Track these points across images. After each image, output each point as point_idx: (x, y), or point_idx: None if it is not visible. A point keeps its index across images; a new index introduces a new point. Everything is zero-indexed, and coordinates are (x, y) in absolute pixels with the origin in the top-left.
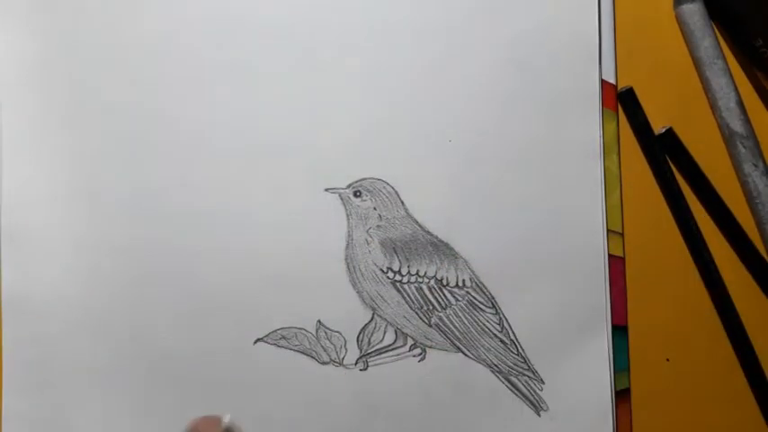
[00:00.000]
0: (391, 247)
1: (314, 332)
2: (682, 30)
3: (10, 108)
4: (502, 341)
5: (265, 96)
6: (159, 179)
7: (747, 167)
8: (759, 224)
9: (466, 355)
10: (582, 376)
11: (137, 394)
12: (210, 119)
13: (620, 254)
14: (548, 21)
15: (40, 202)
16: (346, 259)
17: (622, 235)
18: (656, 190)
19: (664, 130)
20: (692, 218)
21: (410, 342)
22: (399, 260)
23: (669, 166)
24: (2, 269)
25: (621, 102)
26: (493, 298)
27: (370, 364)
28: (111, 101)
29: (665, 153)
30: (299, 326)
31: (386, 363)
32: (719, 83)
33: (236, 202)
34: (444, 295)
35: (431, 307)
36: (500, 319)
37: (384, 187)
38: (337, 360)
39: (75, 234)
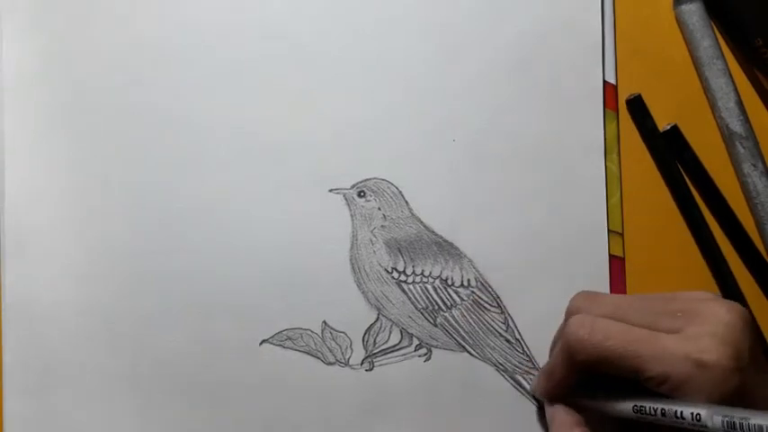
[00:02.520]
0: (396, 248)
1: (319, 333)
2: (681, 30)
3: (14, 111)
4: (507, 340)
5: (268, 97)
6: (163, 180)
7: (747, 167)
8: (758, 224)
9: (471, 354)
10: None
11: (140, 396)
12: (213, 119)
13: (620, 254)
14: (551, 20)
15: (43, 204)
16: (351, 260)
17: (622, 235)
18: (656, 190)
19: (669, 127)
20: (701, 214)
21: (415, 342)
22: (404, 260)
23: (677, 165)
24: (5, 271)
25: (630, 109)
26: (498, 297)
27: (375, 364)
28: (114, 102)
29: (671, 150)
30: (304, 327)
31: (391, 363)
32: (719, 83)
33: (240, 203)
34: (449, 295)
35: (436, 307)
36: (505, 318)
37: (388, 187)
38: (343, 360)
39: (79, 236)
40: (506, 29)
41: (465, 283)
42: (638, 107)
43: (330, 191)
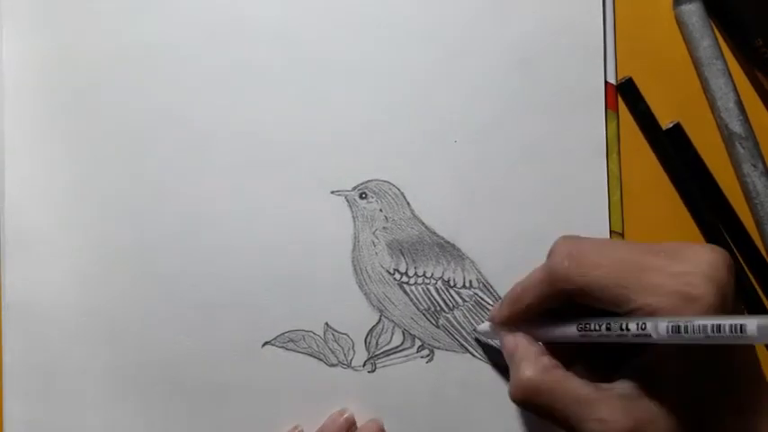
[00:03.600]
0: (398, 249)
1: (322, 334)
2: (681, 30)
3: (14, 111)
4: None
5: (270, 99)
6: (164, 182)
7: (746, 168)
8: (758, 224)
9: (473, 355)
10: None
11: (141, 398)
12: (214, 121)
13: None
14: (552, 21)
15: (43, 205)
16: (353, 261)
17: (622, 235)
18: (656, 190)
19: (671, 125)
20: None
21: (418, 343)
22: (406, 262)
23: (678, 160)
24: (5, 271)
25: (621, 92)
26: (500, 298)
27: (378, 365)
28: (115, 104)
29: (674, 148)
30: (306, 328)
31: (394, 364)
32: (718, 83)
33: (242, 205)
34: (451, 296)
35: (438, 308)
36: None
37: (390, 189)
38: (345, 362)
39: (80, 237)
40: (508, 30)
41: (467, 284)
42: (629, 90)
43: (332, 193)
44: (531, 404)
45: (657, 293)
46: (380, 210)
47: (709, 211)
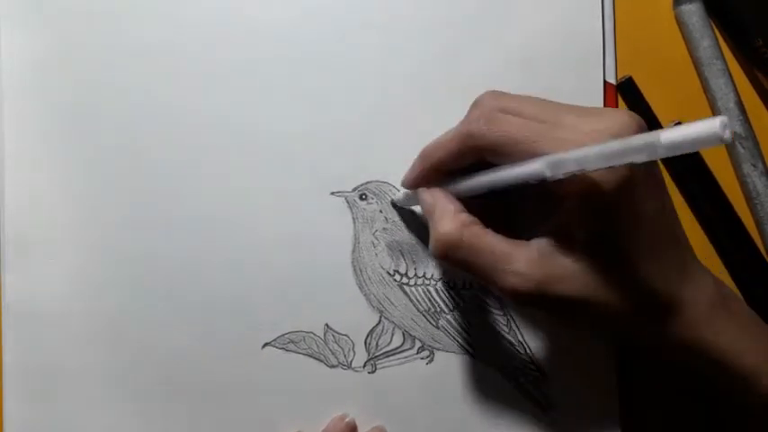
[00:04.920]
0: (398, 250)
1: (322, 336)
2: (681, 30)
3: (14, 111)
4: (510, 342)
5: (270, 99)
6: (164, 182)
7: (746, 168)
8: (758, 224)
9: (474, 356)
10: (588, 375)
11: (142, 399)
12: (215, 122)
13: None
14: (552, 21)
15: (44, 205)
16: (353, 262)
17: None
18: None
19: (673, 125)
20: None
21: (418, 344)
22: (406, 263)
23: (678, 160)
24: (5, 271)
25: (621, 92)
26: (500, 299)
27: (378, 366)
28: (115, 103)
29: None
30: (306, 329)
31: (394, 365)
32: (718, 83)
33: (242, 206)
34: (452, 297)
35: (438, 309)
36: (508, 319)
37: (390, 190)
38: (345, 363)
39: (81, 240)
40: (507, 30)
41: (467, 285)
42: (629, 90)
43: (332, 194)
44: (451, 258)
45: (564, 148)
46: (380, 211)
47: (709, 211)
